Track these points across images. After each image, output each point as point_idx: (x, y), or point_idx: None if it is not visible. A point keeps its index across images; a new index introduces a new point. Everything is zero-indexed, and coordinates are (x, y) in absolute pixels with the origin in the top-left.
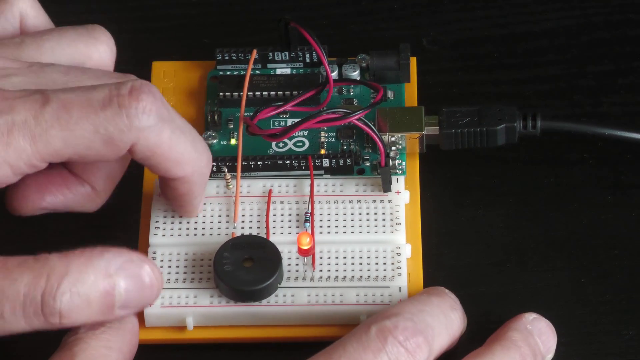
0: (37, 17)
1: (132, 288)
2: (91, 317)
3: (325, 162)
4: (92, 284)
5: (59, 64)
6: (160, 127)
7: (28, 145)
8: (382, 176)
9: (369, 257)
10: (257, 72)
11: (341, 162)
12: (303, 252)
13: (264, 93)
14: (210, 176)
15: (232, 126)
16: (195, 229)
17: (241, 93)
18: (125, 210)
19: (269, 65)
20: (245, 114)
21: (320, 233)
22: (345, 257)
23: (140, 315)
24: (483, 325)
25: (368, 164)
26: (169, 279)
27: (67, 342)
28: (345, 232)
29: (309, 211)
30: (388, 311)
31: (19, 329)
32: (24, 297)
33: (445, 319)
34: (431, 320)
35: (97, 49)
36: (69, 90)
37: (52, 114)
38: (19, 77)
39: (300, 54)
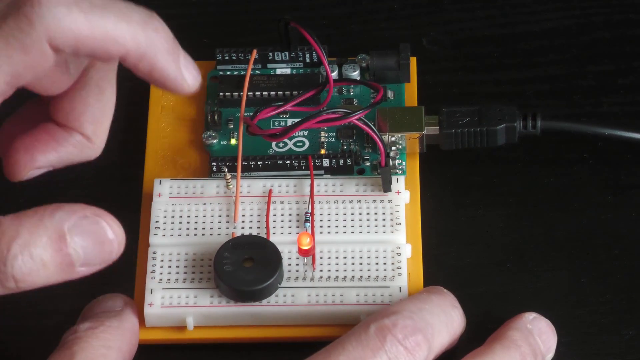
0: None
1: (89, 245)
2: (50, 278)
3: (326, 162)
4: (44, 245)
5: None
6: (66, 12)
7: None
8: (382, 176)
9: (369, 257)
10: (257, 72)
11: (341, 162)
12: (303, 253)
13: (264, 93)
14: (210, 176)
15: (232, 126)
16: (196, 229)
17: (241, 93)
18: (125, 211)
19: (269, 65)
20: (246, 114)
21: (321, 233)
22: (345, 257)
23: (140, 315)
24: (483, 325)
25: (368, 164)
26: (169, 279)
27: (66, 340)
28: (345, 232)
29: (309, 211)
30: (387, 310)
31: None
32: None
33: (446, 316)
34: (431, 318)
35: None
36: None
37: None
38: None
39: (300, 54)
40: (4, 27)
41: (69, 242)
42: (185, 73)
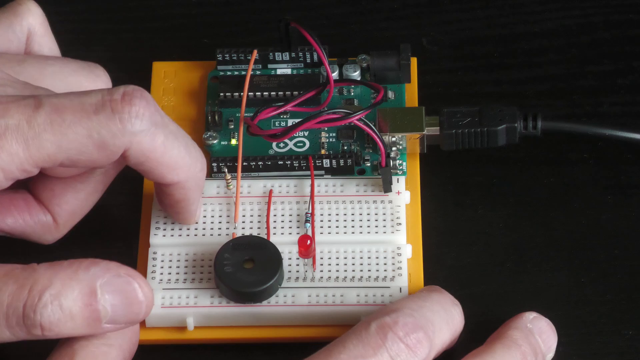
0: (44, 36)
1: (118, 304)
2: (76, 330)
3: (326, 163)
4: (75, 298)
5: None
6: (153, 131)
7: (21, 150)
8: (382, 176)
9: (369, 258)
10: (258, 72)
11: (342, 162)
12: (304, 254)
13: (264, 93)
14: (211, 176)
15: (232, 126)
16: (196, 229)
17: (242, 93)
18: (125, 211)
19: (270, 66)
20: (246, 115)
21: (321, 233)
22: (345, 258)
23: None
24: (483, 325)
25: (369, 165)
26: (169, 280)
27: (66, 339)
28: (345, 233)
29: (310, 211)
30: (388, 307)
31: (4, 339)
32: (7, 307)
33: (446, 314)
34: (432, 315)
35: (96, 84)
36: (62, 95)
37: (45, 118)
38: (13, 88)
39: (300, 54)
40: (93, 120)
41: (99, 299)
42: (199, 211)
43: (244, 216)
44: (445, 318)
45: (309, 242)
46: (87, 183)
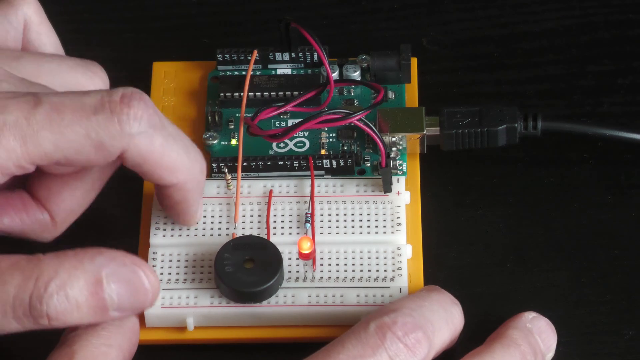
0: (41, 24)
1: (124, 292)
2: (83, 319)
3: (326, 163)
4: (81, 288)
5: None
6: (151, 133)
7: (18, 146)
8: (382, 177)
9: (369, 258)
10: (258, 72)
11: (342, 162)
12: (304, 257)
13: (264, 93)
14: (211, 176)
15: (232, 127)
16: (196, 229)
17: (242, 93)
18: (125, 211)
19: (270, 66)
20: (246, 115)
21: (321, 234)
22: (345, 258)
23: (140, 316)
24: (483, 325)
25: (369, 165)
26: (169, 280)
27: (66, 338)
28: (345, 233)
29: (310, 212)
30: (387, 307)
31: (12, 329)
32: (13, 298)
33: (446, 313)
34: (431, 315)
35: (93, 82)
36: (61, 94)
37: (43, 116)
38: (9, 84)
39: (300, 54)
40: (91, 120)
41: (105, 288)
42: (199, 212)
43: (244, 216)
44: (445, 317)
45: (309, 244)
46: (84, 181)
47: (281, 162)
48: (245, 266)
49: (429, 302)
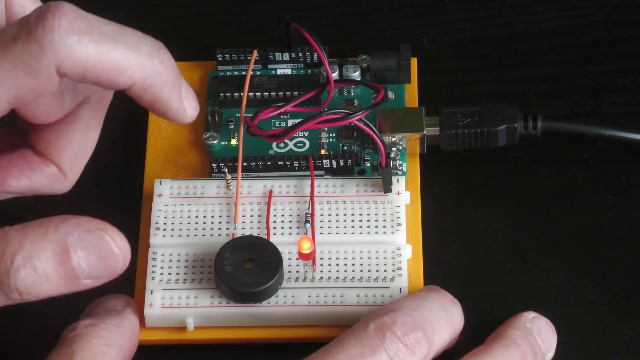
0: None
1: (93, 259)
2: (55, 290)
3: (326, 163)
4: (47, 258)
5: None
6: (77, 40)
7: None
8: (382, 177)
9: (369, 258)
10: (258, 72)
11: (342, 162)
12: (304, 257)
13: (264, 94)
14: (211, 176)
15: (232, 127)
16: (196, 229)
17: (242, 94)
18: (125, 211)
19: (270, 66)
20: (246, 115)
21: (321, 234)
22: (345, 258)
23: (140, 316)
24: (483, 325)
25: (369, 165)
26: (169, 280)
27: (66, 338)
28: (345, 233)
29: (310, 212)
30: (386, 307)
31: None
32: None
33: (445, 313)
34: (430, 315)
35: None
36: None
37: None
38: None
39: (300, 54)
40: (13, 50)
41: (72, 256)
42: (186, 104)
43: (244, 216)
44: (445, 317)
45: (309, 244)
46: (77, 123)
47: (281, 162)
48: (245, 266)
49: (429, 302)
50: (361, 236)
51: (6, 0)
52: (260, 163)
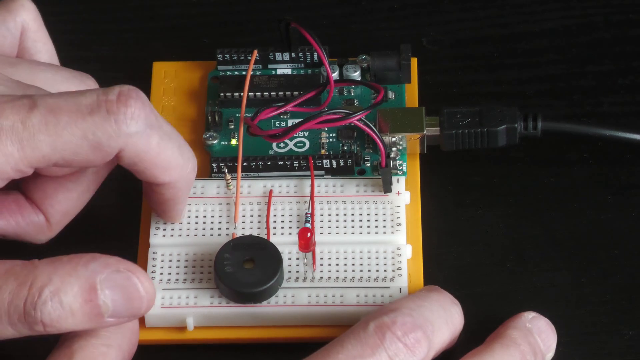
0: (38, 32)
1: (119, 299)
2: (78, 325)
3: (326, 163)
4: (75, 295)
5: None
6: (148, 133)
7: (16, 150)
8: (382, 177)
9: (369, 258)
10: (258, 72)
11: (342, 162)
12: (304, 248)
13: (264, 93)
14: (211, 176)
15: (232, 127)
16: (196, 229)
17: (242, 93)
18: (125, 211)
19: (270, 66)
20: (246, 115)
21: (321, 234)
22: (345, 258)
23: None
24: (483, 325)
25: (369, 165)
26: (169, 280)
27: (66, 339)
28: (345, 233)
29: (310, 212)
30: (386, 307)
31: (8, 335)
32: (7, 305)
33: (445, 313)
34: (430, 315)
35: None
36: (57, 96)
37: (39, 119)
38: (5, 87)
39: (301, 54)
40: (87, 120)
41: (99, 294)
42: (185, 209)
43: (244, 216)
44: (445, 317)
45: (309, 234)
46: (79, 182)
47: (281, 162)
48: (245, 266)
49: (429, 302)
50: (361, 236)
51: (23, 25)
52: (260, 163)
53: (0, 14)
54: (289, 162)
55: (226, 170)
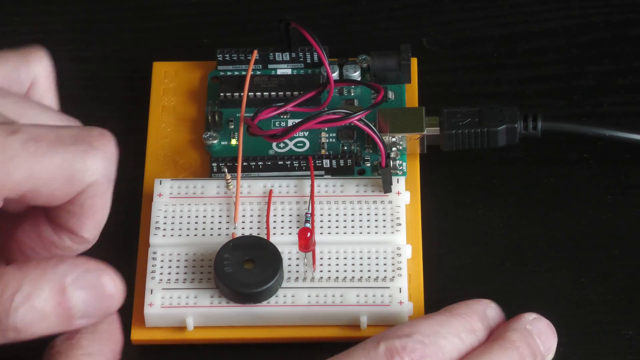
0: (47, 90)
1: (90, 298)
2: (50, 329)
3: (326, 163)
4: (46, 298)
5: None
6: (107, 184)
7: None
8: (382, 177)
9: (369, 258)
10: (258, 72)
11: (342, 162)
12: (304, 247)
13: (264, 93)
14: (211, 176)
15: (232, 127)
16: (196, 229)
17: (242, 93)
18: (125, 211)
19: (270, 66)
20: (246, 115)
21: (321, 234)
22: (345, 258)
23: (140, 316)
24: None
25: (369, 165)
26: (169, 280)
27: (47, 357)
28: (345, 233)
29: (310, 212)
30: (401, 329)
31: None
32: None
33: (460, 342)
34: (445, 343)
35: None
36: (39, 126)
37: (19, 144)
38: None
39: (301, 54)
40: (70, 149)
41: (70, 296)
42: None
43: (244, 216)
44: (459, 347)
45: (309, 234)
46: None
47: (281, 162)
48: (245, 266)
49: (447, 328)
50: (361, 236)
51: (34, 78)
52: (260, 163)
53: (15, 60)
54: (289, 162)
55: (226, 170)
